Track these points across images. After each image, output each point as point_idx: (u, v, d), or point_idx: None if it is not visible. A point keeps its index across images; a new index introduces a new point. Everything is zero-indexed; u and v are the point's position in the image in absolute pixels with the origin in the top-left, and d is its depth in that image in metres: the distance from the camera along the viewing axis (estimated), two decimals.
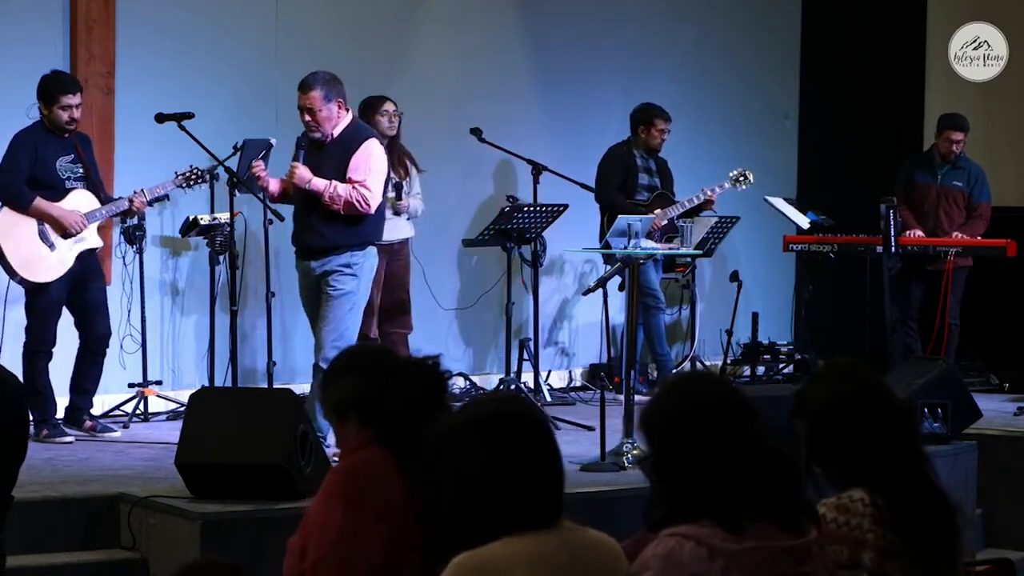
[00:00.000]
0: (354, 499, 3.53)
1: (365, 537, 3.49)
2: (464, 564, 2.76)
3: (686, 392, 3.04)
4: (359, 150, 6.98)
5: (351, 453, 3.67)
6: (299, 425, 5.80)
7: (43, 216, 7.44)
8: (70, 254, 7.49)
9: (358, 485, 3.56)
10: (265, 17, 9.12)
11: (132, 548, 5.89)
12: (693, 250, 8.01)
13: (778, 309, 11.06)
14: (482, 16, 10.12)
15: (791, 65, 11.56)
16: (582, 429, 7.79)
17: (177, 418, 7.76)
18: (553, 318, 10.39)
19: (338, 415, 3.72)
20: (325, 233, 7.04)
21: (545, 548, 2.81)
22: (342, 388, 3.70)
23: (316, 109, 6.96)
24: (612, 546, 2.96)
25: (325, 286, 7.01)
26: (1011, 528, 7.56)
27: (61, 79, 7.58)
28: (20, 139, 7.50)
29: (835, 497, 3.30)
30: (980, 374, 9.72)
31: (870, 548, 3.24)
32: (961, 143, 9.70)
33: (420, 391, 3.58)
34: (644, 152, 9.70)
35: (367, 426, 3.63)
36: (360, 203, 6.96)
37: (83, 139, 7.70)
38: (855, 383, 3.40)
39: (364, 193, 6.95)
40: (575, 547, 2.87)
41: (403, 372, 3.65)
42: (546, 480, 2.86)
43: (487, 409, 2.94)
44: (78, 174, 7.58)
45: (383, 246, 8.59)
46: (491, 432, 2.85)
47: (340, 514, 3.52)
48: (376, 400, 3.61)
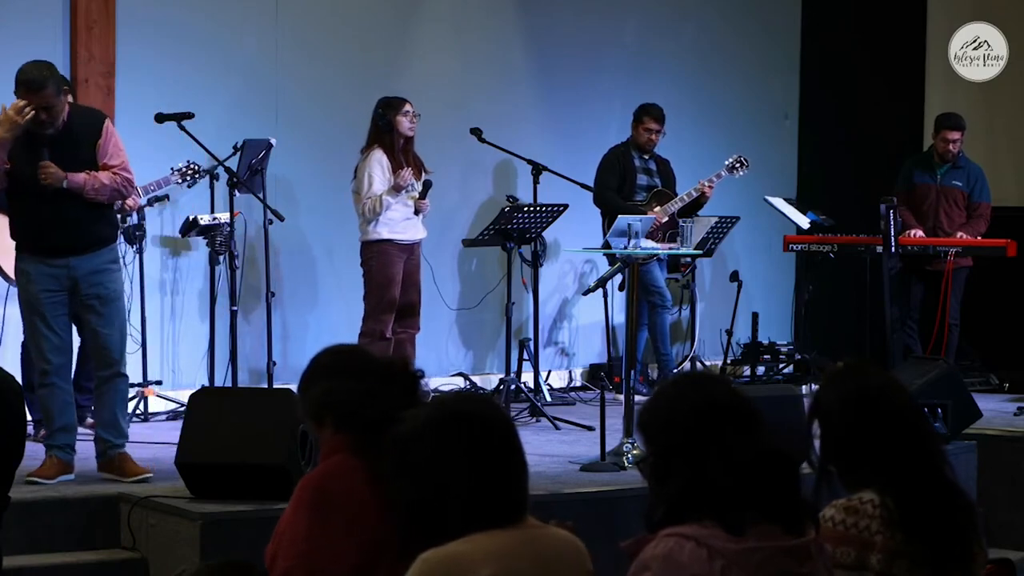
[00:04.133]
0: (322, 507, 3.53)
1: (334, 545, 3.48)
2: (430, 560, 2.79)
3: (688, 392, 3.04)
4: (104, 135, 6.47)
5: (326, 458, 3.67)
6: (299, 425, 5.79)
7: None
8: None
9: (326, 494, 3.55)
10: (265, 17, 9.12)
11: (132, 548, 5.89)
12: (693, 250, 8.00)
13: (778, 309, 11.06)
14: (482, 16, 10.12)
15: (791, 65, 11.56)
16: (582, 429, 7.78)
17: (177, 418, 7.75)
18: (553, 318, 10.39)
19: (315, 419, 3.72)
20: (89, 227, 6.52)
21: (510, 545, 2.83)
22: (318, 392, 3.69)
23: (51, 105, 6.36)
24: (576, 544, 2.99)
25: (94, 286, 6.53)
26: (1011, 528, 7.55)
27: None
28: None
29: (844, 499, 3.30)
30: (980, 374, 9.72)
31: (878, 550, 3.23)
32: (958, 142, 9.70)
33: (394, 393, 3.57)
34: (640, 152, 9.71)
35: (343, 430, 3.63)
36: (126, 188, 6.54)
37: None
38: (868, 384, 3.40)
39: (128, 177, 6.52)
40: (540, 544, 2.89)
41: (377, 375, 3.65)
42: (508, 478, 2.88)
43: (448, 407, 2.96)
44: None
45: (404, 245, 8.63)
46: (452, 430, 2.88)
47: (306, 524, 3.52)
48: (351, 404, 3.60)
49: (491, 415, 2.94)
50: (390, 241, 8.55)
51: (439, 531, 2.82)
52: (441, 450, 2.86)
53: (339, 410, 3.63)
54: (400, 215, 8.57)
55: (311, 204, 9.13)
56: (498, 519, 2.84)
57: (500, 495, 2.86)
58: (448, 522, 2.82)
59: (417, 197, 8.59)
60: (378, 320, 8.53)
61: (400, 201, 8.54)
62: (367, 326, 8.56)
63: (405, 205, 8.57)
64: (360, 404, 3.59)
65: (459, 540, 2.80)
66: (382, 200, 8.45)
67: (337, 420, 3.64)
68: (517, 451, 2.92)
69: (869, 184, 10.31)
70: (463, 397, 3.17)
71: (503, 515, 2.86)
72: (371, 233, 8.54)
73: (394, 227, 8.57)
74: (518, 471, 2.91)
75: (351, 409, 3.61)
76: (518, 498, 2.90)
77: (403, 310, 8.68)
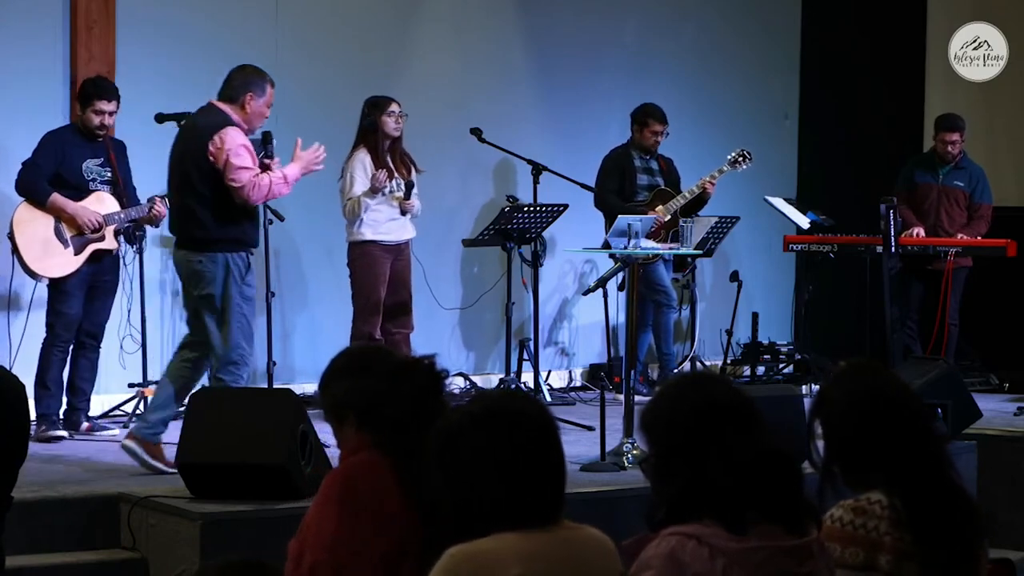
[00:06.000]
0: (349, 504, 3.53)
1: (361, 542, 3.49)
2: (458, 555, 2.78)
3: (688, 392, 3.04)
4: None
5: (349, 455, 3.67)
6: (299, 425, 5.80)
7: (59, 212, 7.52)
8: (83, 252, 7.55)
9: (354, 490, 3.55)
10: (265, 17, 9.12)
11: (132, 548, 5.89)
12: (693, 250, 7.99)
13: (778, 309, 11.06)
14: (482, 16, 10.12)
15: (791, 65, 11.56)
16: (582, 429, 7.79)
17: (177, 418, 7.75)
18: (553, 318, 10.39)
19: (336, 417, 3.72)
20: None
21: (541, 545, 2.82)
22: (339, 390, 3.69)
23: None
24: (607, 545, 2.97)
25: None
26: (1011, 528, 7.55)
27: (100, 84, 7.71)
28: (48, 138, 7.63)
29: (852, 499, 3.29)
30: (980, 374, 9.72)
31: (887, 551, 3.22)
32: (957, 143, 9.70)
33: (417, 391, 3.57)
34: (642, 152, 9.70)
35: (365, 428, 3.63)
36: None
37: (118, 145, 7.83)
38: (874, 384, 3.39)
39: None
40: (571, 546, 2.88)
41: (400, 373, 3.65)
42: (546, 478, 2.87)
43: (490, 404, 2.95)
44: (105, 178, 7.68)
45: (388, 246, 8.61)
46: (493, 427, 2.86)
47: (335, 519, 3.52)
48: (373, 402, 3.60)
49: (533, 413, 2.92)
50: (374, 242, 8.52)
51: (472, 527, 2.80)
52: (480, 446, 2.84)
53: (361, 408, 3.63)
54: (384, 216, 8.54)
55: (311, 204, 9.12)
56: (532, 519, 2.83)
57: (536, 495, 2.84)
58: (482, 519, 2.81)
59: (401, 198, 8.56)
60: (365, 322, 8.51)
61: (384, 202, 8.52)
62: (356, 328, 8.54)
63: (390, 206, 8.54)
64: (382, 402, 3.59)
65: (489, 537, 2.78)
66: (360, 201, 8.43)
67: (359, 418, 3.64)
68: (556, 451, 2.90)
69: (869, 184, 10.31)
70: (506, 394, 3.16)
71: (537, 515, 2.84)
72: (355, 234, 8.53)
73: (378, 228, 8.54)
74: (556, 472, 2.89)
75: (373, 407, 3.60)
76: (554, 498, 2.88)
77: (394, 310, 8.66)
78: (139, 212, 7.74)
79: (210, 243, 6.61)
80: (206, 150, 6.54)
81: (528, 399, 3.08)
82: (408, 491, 3.46)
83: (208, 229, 6.61)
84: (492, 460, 2.83)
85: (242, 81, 6.74)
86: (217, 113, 6.69)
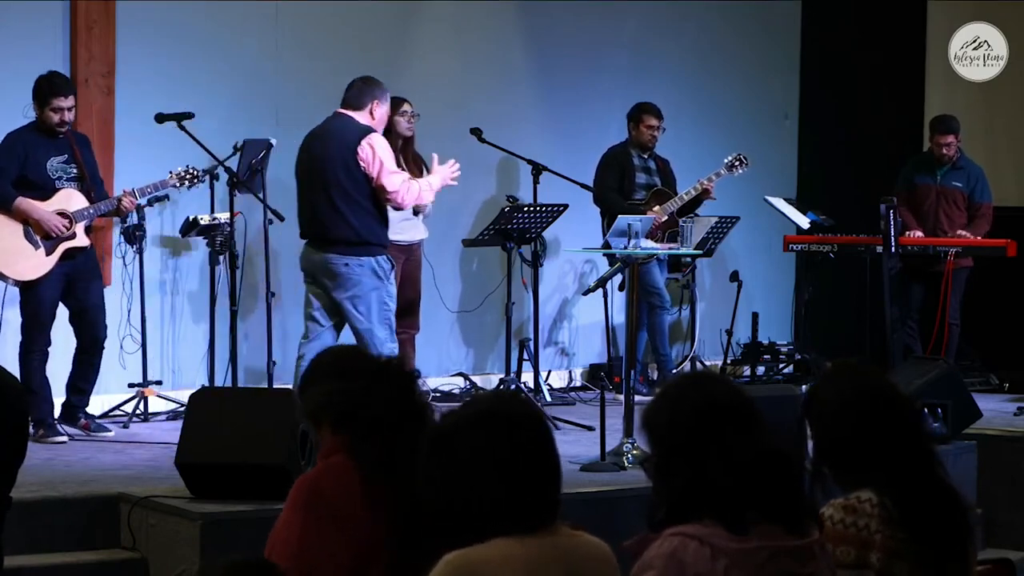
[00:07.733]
0: (315, 508, 3.53)
1: (326, 545, 3.48)
2: (453, 562, 2.76)
3: (689, 392, 3.04)
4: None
5: (325, 458, 3.67)
6: (299, 425, 5.79)
7: (26, 217, 7.44)
8: (55, 253, 7.49)
9: (320, 495, 3.55)
10: (265, 17, 9.12)
11: (132, 548, 5.89)
12: (693, 250, 7.99)
13: (778, 309, 11.06)
14: (482, 16, 10.12)
15: (791, 65, 11.55)
16: (582, 429, 7.79)
17: (177, 418, 7.75)
18: (553, 318, 10.38)
19: (313, 420, 3.72)
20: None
21: (537, 553, 2.81)
22: (316, 394, 3.69)
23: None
24: (605, 552, 2.96)
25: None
26: (1011, 528, 7.56)
27: (54, 81, 7.55)
28: (8, 139, 7.53)
29: (843, 498, 3.30)
30: (980, 374, 9.71)
31: (878, 548, 3.24)
32: (952, 145, 9.69)
33: (391, 393, 3.57)
34: (640, 151, 9.70)
35: (340, 432, 3.63)
36: None
37: (81, 139, 7.70)
38: (864, 383, 3.40)
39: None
40: (569, 552, 2.87)
41: (373, 375, 3.64)
42: (541, 481, 2.86)
43: (487, 404, 2.94)
44: (71, 174, 7.58)
45: (402, 246, 8.61)
46: (492, 426, 2.85)
47: (300, 526, 3.52)
48: (348, 405, 3.60)
49: (529, 414, 2.92)
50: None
51: (466, 532, 2.78)
52: (479, 446, 2.82)
53: (336, 411, 3.63)
54: (398, 215, 8.54)
55: None
56: (528, 523, 2.81)
57: (531, 498, 2.82)
58: (480, 519, 2.79)
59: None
60: None
61: None
62: None
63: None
64: (356, 405, 3.58)
65: (486, 544, 2.76)
66: None
67: (335, 421, 3.64)
68: (551, 455, 2.88)
69: (869, 184, 10.30)
70: (500, 396, 3.14)
71: (533, 519, 2.82)
72: None
73: (391, 227, 8.54)
74: (551, 475, 2.87)
75: (348, 410, 3.60)
76: (550, 502, 2.86)
77: (402, 310, 8.64)
78: (108, 206, 7.68)
79: (360, 246, 7.08)
80: (356, 156, 6.86)
81: (522, 400, 3.08)
82: (377, 496, 3.45)
83: (359, 232, 7.08)
84: (491, 459, 2.81)
85: (366, 90, 7.23)
86: (353, 120, 7.13)
